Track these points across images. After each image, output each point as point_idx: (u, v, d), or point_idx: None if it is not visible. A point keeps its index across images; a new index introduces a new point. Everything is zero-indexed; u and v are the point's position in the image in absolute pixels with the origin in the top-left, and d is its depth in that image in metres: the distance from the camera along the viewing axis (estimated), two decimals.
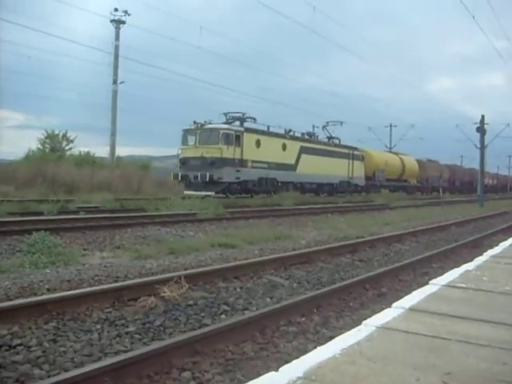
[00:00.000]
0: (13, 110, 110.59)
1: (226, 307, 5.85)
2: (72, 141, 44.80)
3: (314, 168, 32.17)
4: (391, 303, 3.70)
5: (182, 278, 6.21)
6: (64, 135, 45.44)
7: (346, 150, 37.36)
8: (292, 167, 30.99)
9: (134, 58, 43.30)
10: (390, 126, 59.73)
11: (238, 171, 26.39)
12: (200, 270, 7.37)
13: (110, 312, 5.44)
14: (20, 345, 4.44)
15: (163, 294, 5.89)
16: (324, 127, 38.30)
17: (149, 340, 4.69)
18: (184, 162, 26.65)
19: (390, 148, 55.29)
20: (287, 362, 4.11)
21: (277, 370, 2.43)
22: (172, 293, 5.94)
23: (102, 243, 10.16)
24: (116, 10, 32.67)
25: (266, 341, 4.73)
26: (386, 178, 42.43)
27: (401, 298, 3.98)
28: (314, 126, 37.53)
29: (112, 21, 32.75)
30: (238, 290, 6.77)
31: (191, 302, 5.88)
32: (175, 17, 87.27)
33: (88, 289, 5.95)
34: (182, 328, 5.06)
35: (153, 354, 3.76)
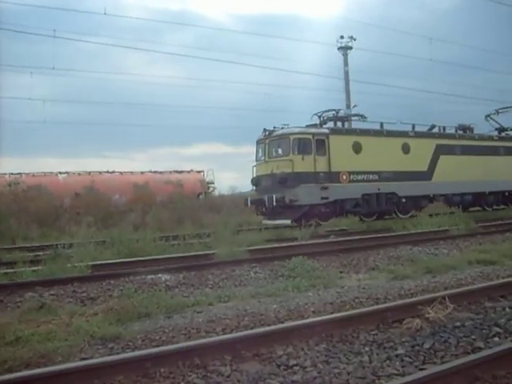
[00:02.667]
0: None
1: (497, 329, 5.46)
2: None
3: (464, 173, 23.60)
4: None
5: (446, 299, 6.01)
6: None
7: None
8: (423, 175, 22.77)
9: (365, 80, 43.53)
10: None
11: (324, 188, 19.70)
12: (463, 289, 7.05)
13: (376, 334, 5.47)
14: (296, 365, 4.68)
15: (428, 316, 5.75)
16: (488, 116, 28.43)
17: (420, 363, 4.59)
18: (256, 182, 20.91)
19: None
20: None
21: None
22: (436, 314, 5.78)
23: (356, 265, 10.32)
24: (342, 37, 33.50)
25: None
26: None
27: None
28: (487, 115, 28.19)
29: (339, 48, 33.62)
30: (508, 309, 6.30)
31: (458, 324, 5.63)
32: (401, 32, 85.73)
33: (353, 311, 6.08)
34: (453, 351, 4.85)
35: (431, 378, 3.68)
